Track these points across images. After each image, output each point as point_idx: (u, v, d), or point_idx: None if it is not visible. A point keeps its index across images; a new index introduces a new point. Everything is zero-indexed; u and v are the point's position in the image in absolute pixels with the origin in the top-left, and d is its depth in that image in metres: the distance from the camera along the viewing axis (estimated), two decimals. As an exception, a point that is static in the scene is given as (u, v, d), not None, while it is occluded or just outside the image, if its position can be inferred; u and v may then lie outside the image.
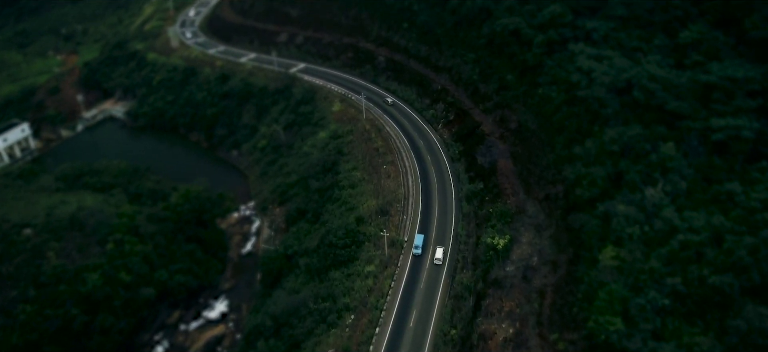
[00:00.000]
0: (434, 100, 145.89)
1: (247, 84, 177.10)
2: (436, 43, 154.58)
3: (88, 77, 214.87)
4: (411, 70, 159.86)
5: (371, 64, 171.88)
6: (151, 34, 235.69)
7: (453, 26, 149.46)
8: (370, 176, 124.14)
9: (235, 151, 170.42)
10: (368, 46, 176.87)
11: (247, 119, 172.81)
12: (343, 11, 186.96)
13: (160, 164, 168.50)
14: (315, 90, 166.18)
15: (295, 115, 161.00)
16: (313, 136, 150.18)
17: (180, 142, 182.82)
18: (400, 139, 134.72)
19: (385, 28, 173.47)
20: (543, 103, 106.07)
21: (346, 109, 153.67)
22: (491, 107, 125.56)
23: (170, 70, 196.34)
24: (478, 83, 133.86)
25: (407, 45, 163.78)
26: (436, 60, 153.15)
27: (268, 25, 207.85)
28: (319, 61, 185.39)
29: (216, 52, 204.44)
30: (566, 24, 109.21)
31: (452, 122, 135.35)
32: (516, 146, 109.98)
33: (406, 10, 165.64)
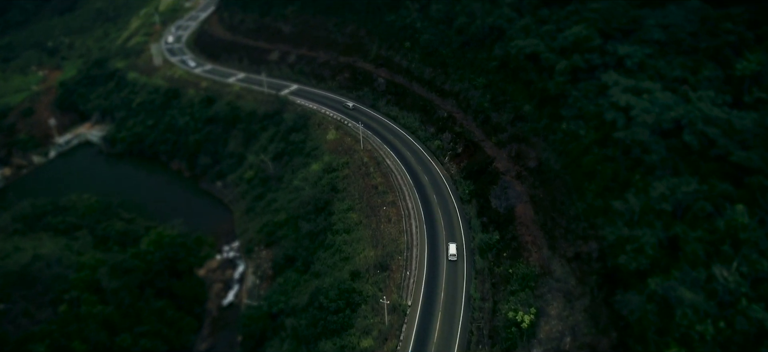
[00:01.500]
0: (440, 129, 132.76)
1: (234, 108, 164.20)
2: (442, 65, 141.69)
3: (64, 98, 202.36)
4: (413, 93, 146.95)
5: (370, 87, 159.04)
6: (133, 50, 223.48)
7: (460, 47, 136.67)
8: (367, 218, 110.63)
9: (219, 183, 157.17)
10: (367, 66, 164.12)
11: (233, 147, 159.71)
12: (340, 28, 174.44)
13: (137, 197, 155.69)
14: (308, 115, 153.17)
15: (285, 143, 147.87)
16: (305, 168, 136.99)
17: (160, 171, 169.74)
18: (401, 173, 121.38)
19: (385, 47, 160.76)
20: (568, 141, 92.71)
21: (341, 138, 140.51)
22: (505, 140, 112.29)
23: (151, 91, 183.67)
24: (490, 111, 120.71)
25: (409, 66, 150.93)
26: (442, 83, 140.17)
27: (259, 43, 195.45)
28: (313, 82, 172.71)
29: (202, 72, 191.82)
30: (594, 49, 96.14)
31: (461, 155, 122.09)
32: (536, 189, 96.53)
33: (408, 28, 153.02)
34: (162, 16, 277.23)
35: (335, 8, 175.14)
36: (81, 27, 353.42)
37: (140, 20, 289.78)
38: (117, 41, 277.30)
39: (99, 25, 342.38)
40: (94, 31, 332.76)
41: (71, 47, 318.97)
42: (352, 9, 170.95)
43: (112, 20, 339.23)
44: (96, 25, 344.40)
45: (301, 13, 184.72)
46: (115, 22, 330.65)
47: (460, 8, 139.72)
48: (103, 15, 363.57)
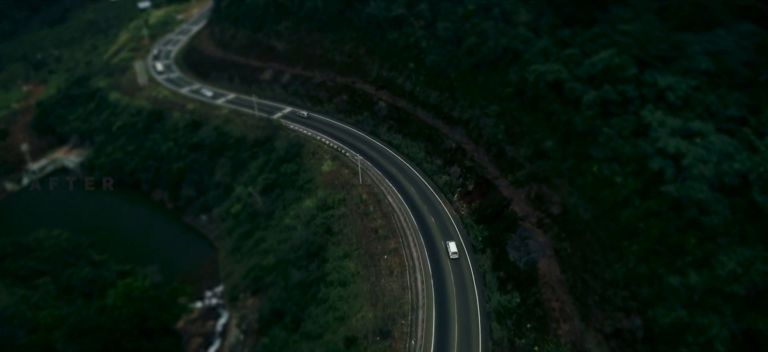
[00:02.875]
0: (448, 161, 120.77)
1: (222, 133, 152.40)
2: (449, 89, 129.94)
3: (41, 119, 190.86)
4: (418, 120, 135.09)
5: (370, 111, 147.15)
6: (118, 68, 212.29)
7: (470, 69, 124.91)
8: (366, 269, 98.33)
9: (204, 217, 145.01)
10: (367, 88, 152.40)
11: (220, 177, 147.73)
12: (337, 46, 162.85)
13: (114, 231, 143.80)
14: (301, 142, 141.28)
15: (276, 174, 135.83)
16: (298, 204, 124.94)
17: (141, 202, 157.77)
18: (405, 214, 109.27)
19: (386, 68, 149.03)
20: (600, 186, 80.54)
21: (338, 170, 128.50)
22: (523, 179, 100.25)
23: (133, 113, 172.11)
24: (504, 144, 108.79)
25: (414, 89, 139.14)
26: (450, 109, 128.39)
27: (251, 60, 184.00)
28: (308, 105, 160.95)
29: (189, 92, 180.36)
30: (628, 79, 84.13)
31: (472, 194, 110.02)
32: (562, 242, 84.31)
33: (413, 47, 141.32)
34: (151, 29, 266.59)
35: (333, 25, 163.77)
36: (71, 39, 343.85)
37: (129, 34, 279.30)
38: (104, 56, 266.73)
39: (90, 36, 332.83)
40: (84, 44, 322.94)
41: (59, 60, 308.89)
42: (350, 26, 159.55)
43: (103, 32, 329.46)
44: (86, 37, 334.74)
45: (296, 29, 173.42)
46: (107, 33, 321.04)
47: (469, 27, 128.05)
48: (94, 26, 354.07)
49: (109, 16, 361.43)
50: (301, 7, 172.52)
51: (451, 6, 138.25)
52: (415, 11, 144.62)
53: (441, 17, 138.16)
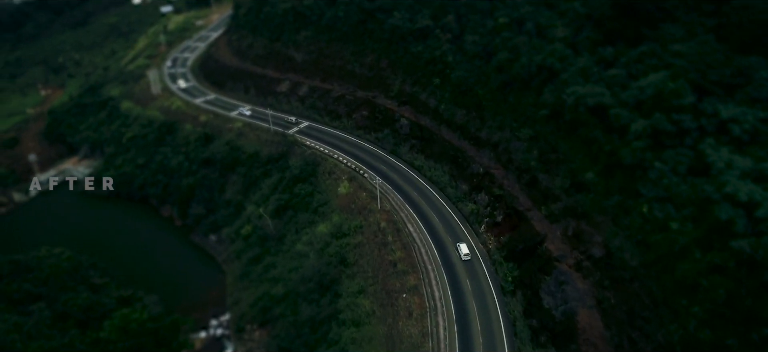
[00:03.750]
0: (474, 188, 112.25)
1: (234, 148, 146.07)
2: (477, 108, 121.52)
3: (52, 128, 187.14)
4: (442, 140, 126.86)
5: (391, 128, 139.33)
6: (132, 75, 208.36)
7: (500, 87, 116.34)
8: (382, 308, 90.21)
9: (213, 237, 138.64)
10: (388, 103, 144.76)
11: (230, 195, 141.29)
12: (358, 58, 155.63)
13: (118, 250, 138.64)
14: (317, 161, 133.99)
15: (290, 194, 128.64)
16: (311, 229, 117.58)
17: (149, 218, 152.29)
18: (427, 246, 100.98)
19: (409, 83, 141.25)
20: (651, 229, 71.34)
21: (355, 193, 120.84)
22: (559, 213, 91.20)
23: (144, 124, 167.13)
24: (538, 172, 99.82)
25: (438, 106, 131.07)
26: (477, 130, 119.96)
27: (268, 71, 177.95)
28: (326, 120, 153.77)
29: (203, 102, 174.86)
30: (684, 108, 74.82)
31: (501, 226, 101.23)
32: (605, 290, 75.15)
33: (438, 62, 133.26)
34: (170, 35, 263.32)
35: (353, 36, 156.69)
36: (93, 43, 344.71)
37: (147, 39, 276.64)
38: (122, 61, 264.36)
39: (111, 41, 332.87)
40: (105, 48, 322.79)
41: (79, 64, 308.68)
42: (372, 37, 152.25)
43: (124, 36, 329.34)
44: (108, 41, 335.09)
45: (315, 39, 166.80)
46: (127, 37, 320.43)
47: (500, 42, 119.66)
48: (115, 30, 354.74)
49: (131, 20, 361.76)
50: (321, 16, 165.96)
51: (480, 18, 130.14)
52: (442, 23, 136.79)
53: (469, 30, 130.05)
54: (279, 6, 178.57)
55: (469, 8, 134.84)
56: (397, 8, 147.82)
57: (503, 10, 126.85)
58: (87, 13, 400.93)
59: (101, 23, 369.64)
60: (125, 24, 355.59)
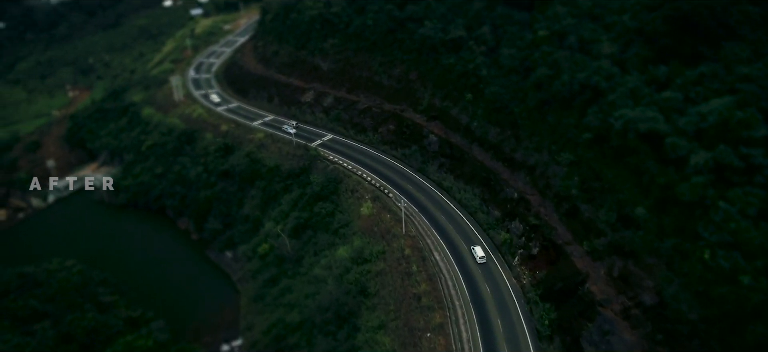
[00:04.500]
0: (508, 214, 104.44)
1: (255, 161, 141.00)
2: (512, 126, 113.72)
3: (73, 133, 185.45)
4: (473, 160, 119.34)
5: (419, 144, 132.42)
6: (156, 80, 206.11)
7: (538, 106, 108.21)
8: (404, 348, 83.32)
9: (228, 253, 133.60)
10: (416, 118, 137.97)
11: (248, 209, 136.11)
12: (386, 69, 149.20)
13: (131, 263, 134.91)
14: (340, 177, 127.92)
15: (310, 213, 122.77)
16: (331, 251, 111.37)
17: (165, 230, 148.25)
18: (454, 278, 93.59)
19: (440, 97, 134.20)
20: (714, 280, 62.70)
21: (379, 214, 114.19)
22: (603, 249, 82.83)
23: (164, 132, 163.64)
24: (579, 201, 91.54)
25: (470, 123, 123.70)
26: (511, 150, 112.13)
27: (293, 79, 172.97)
28: (350, 132, 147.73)
29: (225, 111, 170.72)
30: (755, 141, 65.97)
31: (536, 260, 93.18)
32: (658, 345, 66.68)
33: (471, 75, 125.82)
34: (197, 39, 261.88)
35: (382, 45, 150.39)
36: (123, 44, 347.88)
37: (174, 43, 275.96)
38: (149, 64, 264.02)
39: (140, 43, 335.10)
40: (134, 50, 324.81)
41: (108, 66, 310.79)
42: (402, 47, 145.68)
43: (153, 38, 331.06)
44: (137, 43, 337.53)
45: (341, 48, 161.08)
46: (156, 40, 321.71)
47: (539, 56, 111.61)
48: (145, 33, 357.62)
49: (161, 23, 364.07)
50: (348, 24, 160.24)
51: (517, 30, 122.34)
52: (476, 34, 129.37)
53: (506, 43, 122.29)
54: (306, 13, 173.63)
55: (505, 19, 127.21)
56: (429, 17, 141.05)
57: (543, 22, 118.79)
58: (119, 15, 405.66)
59: (132, 25, 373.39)
60: (155, 26, 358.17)
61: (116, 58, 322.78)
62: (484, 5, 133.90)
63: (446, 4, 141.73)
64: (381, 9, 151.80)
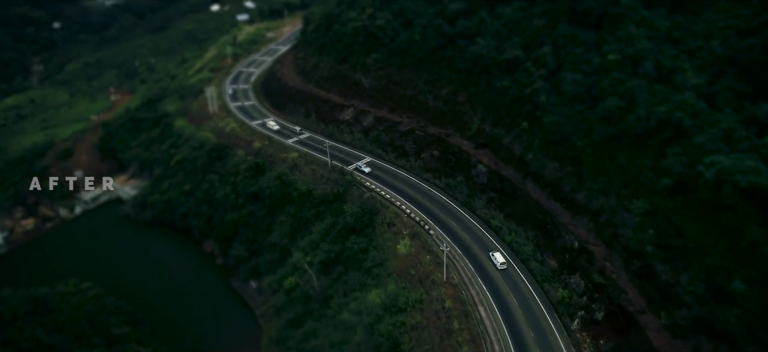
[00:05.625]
0: (566, 266, 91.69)
1: (286, 183, 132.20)
2: (574, 163, 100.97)
3: (105, 142, 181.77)
4: (527, 197, 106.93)
5: (465, 175, 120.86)
6: (192, 90, 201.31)
7: (606, 141, 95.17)
8: (440, 427, 71.33)
9: (253, 283, 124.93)
10: (463, 144, 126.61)
11: (277, 237, 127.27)
12: (432, 89, 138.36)
13: (151, 286, 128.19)
14: (376, 208, 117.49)
15: (341, 246, 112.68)
16: (362, 294, 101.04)
17: (190, 252, 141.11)
18: (502, 340, 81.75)
19: (490, 122, 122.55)
20: None
21: (417, 255, 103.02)
22: (687, 325, 69.49)
23: (195, 146, 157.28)
24: (655, 260, 78.33)
25: (524, 154, 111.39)
26: (573, 190, 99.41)
27: (332, 95, 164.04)
28: (390, 156, 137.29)
29: (259, 125, 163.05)
30: None
31: (601, 327, 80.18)
32: None
33: (527, 101, 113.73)
34: (238, 47, 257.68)
35: (429, 62, 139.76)
36: (169, 48, 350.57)
37: (216, 50, 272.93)
38: (189, 71, 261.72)
39: (186, 47, 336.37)
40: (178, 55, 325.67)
41: (152, 70, 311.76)
42: (450, 65, 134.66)
43: (198, 43, 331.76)
44: (183, 48, 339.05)
45: (385, 64, 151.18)
46: (201, 45, 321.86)
47: (609, 84, 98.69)
48: (191, 37, 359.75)
49: (208, 28, 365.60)
50: (393, 38, 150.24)
51: (583, 53, 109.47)
52: (535, 55, 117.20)
53: (569, 66, 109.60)
54: (349, 24, 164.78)
55: (569, 39, 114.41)
56: (482, 34, 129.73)
57: (613, 45, 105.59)
58: (167, 19, 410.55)
59: (179, 29, 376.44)
60: (201, 31, 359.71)
61: (161, 62, 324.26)
62: (544, 23, 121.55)
63: (501, 20, 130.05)
64: (430, 23, 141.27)
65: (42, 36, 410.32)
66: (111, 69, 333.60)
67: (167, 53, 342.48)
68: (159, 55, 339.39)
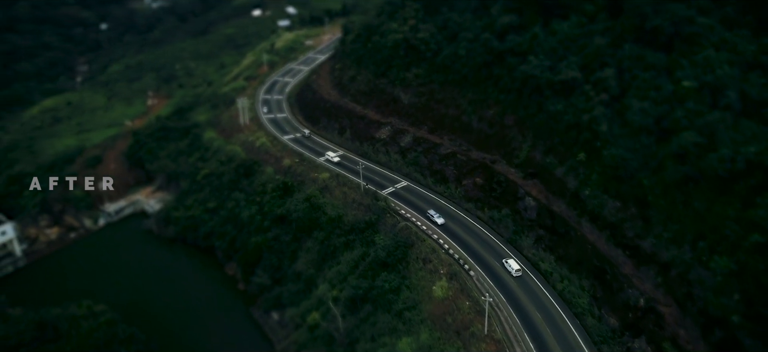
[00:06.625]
0: (629, 326, 79.92)
1: (315, 207, 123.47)
2: (640, 204, 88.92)
3: (133, 151, 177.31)
4: (582, 240, 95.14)
5: (511, 208, 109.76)
6: (225, 99, 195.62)
7: (679, 183, 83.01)
8: None
9: (275, 315, 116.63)
10: (510, 172, 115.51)
11: (302, 265, 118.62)
12: (477, 109, 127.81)
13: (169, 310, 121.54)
14: (411, 240, 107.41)
15: (371, 283, 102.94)
16: (392, 340, 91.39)
17: (212, 274, 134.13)
18: (551, 414, 69.90)
19: (541, 150, 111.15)
20: None
21: (455, 299, 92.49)
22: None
23: (223, 161, 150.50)
24: (743, 334, 65.99)
25: (580, 189, 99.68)
26: (638, 236, 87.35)
27: (369, 111, 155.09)
28: (429, 181, 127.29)
29: (290, 141, 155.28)
30: None
31: (673, 409, 67.81)
32: None
33: (585, 129, 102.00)
34: (275, 55, 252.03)
35: (474, 80, 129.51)
36: (209, 53, 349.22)
37: (253, 57, 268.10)
38: (225, 78, 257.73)
39: (225, 52, 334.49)
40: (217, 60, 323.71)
41: (190, 75, 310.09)
42: (498, 84, 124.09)
43: (238, 48, 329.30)
44: (222, 53, 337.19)
45: (426, 80, 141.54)
46: (240, 50, 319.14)
47: (683, 115, 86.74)
48: (231, 42, 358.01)
49: (248, 33, 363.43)
50: (436, 53, 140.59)
51: (652, 77, 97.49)
52: (595, 77, 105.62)
53: (635, 92, 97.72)
54: (390, 36, 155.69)
55: (635, 61, 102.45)
56: (534, 52, 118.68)
57: (688, 70, 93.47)
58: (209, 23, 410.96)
59: (220, 33, 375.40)
60: (241, 36, 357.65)
61: (200, 66, 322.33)
62: (606, 41, 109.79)
63: (557, 36, 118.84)
64: (476, 38, 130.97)
65: (89, 37, 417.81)
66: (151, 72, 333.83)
67: (207, 58, 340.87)
68: (199, 60, 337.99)
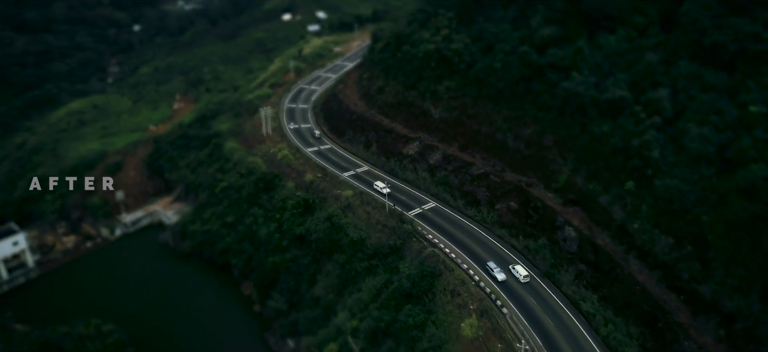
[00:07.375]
0: (684, 385, 70.18)
1: (336, 228, 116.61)
2: (698, 243, 79.71)
3: (153, 159, 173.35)
4: (630, 279, 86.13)
5: (549, 237, 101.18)
6: (248, 107, 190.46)
7: (746, 222, 73.73)
8: None
9: (290, 342, 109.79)
10: (548, 197, 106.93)
11: (321, 290, 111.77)
12: (513, 127, 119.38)
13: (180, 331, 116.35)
14: (439, 270, 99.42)
15: (393, 315, 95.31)
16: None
17: (227, 293, 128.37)
18: None
19: (584, 175, 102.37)
20: None
21: (486, 341, 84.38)
22: None
23: (243, 173, 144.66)
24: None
25: (627, 222, 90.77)
26: (695, 280, 78.22)
27: (396, 125, 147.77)
28: (459, 203, 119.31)
29: (313, 153, 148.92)
30: None
31: None
32: None
33: (634, 154, 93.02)
34: (303, 61, 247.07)
35: (510, 96, 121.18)
36: (238, 56, 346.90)
37: (281, 62, 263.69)
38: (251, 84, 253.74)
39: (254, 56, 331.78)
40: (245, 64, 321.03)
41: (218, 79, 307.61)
42: (536, 101, 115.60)
43: (267, 53, 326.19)
44: (251, 57, 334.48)
45: (458, 93, 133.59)
46: (269, 55, 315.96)
47: (750, 144, 77.63)
48: (261, 46, 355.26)
49: (277, 37, 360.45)
50: (470, 65, 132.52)
51: (713, 99, 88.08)
52: (646, 98, 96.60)
53: (693, 115, 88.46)
54: (421, 46, 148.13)
55: (692, 81, 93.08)
56: (578, 67, 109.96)
57: (756, 93, 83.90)
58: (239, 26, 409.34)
59: (250, 37, 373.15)
60: (271, 40, 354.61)
61: (228, 70, 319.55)
62: (659, 58, 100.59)
63: (603, 51, 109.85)
64: (514, 50, 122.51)
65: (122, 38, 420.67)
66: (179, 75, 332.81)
67: (235, 62, 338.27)
68: (228, 63, 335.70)
